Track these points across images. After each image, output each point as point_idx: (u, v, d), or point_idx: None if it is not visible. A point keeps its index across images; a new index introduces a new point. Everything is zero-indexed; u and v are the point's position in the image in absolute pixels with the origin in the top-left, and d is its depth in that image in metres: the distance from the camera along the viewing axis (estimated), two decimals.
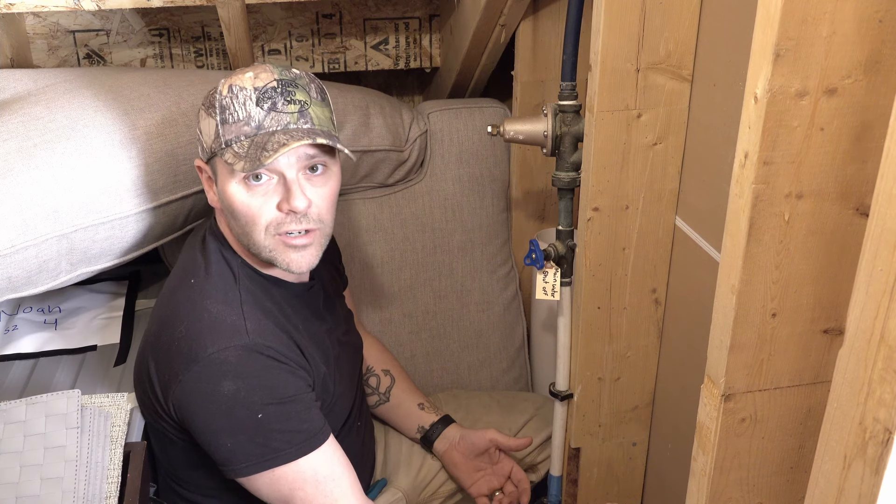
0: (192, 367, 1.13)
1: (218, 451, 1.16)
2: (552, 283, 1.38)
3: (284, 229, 1.16)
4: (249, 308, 1.19)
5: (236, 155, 1.13)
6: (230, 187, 1.16)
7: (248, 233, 1.17)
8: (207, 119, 1.17)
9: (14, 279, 1.25)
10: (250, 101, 1.13)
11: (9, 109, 1.37)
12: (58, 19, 1.82)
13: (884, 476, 0.66)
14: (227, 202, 1.18)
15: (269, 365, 1.15)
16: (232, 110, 1.14)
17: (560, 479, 1.54)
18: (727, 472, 0.96)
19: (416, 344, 1.83)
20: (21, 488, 1.13)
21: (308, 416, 1.17)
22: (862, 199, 0.82)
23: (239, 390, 1.13)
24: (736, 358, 0.89)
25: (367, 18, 1.93)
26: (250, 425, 1.13)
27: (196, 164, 1.24)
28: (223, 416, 1.13)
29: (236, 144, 1.13)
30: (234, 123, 1.14)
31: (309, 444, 1.16)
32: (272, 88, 1.14)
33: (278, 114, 1.13)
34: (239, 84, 1.15)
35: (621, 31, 1.15)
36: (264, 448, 1.14)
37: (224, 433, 1.14)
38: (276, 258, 1.18)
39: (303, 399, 1.17)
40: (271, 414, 1.14)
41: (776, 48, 0.74)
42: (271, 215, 1.16)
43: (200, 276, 1.21)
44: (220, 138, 1.14)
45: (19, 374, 1.46)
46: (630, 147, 1.23)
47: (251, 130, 1.13)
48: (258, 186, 1.15)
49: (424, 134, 1.78)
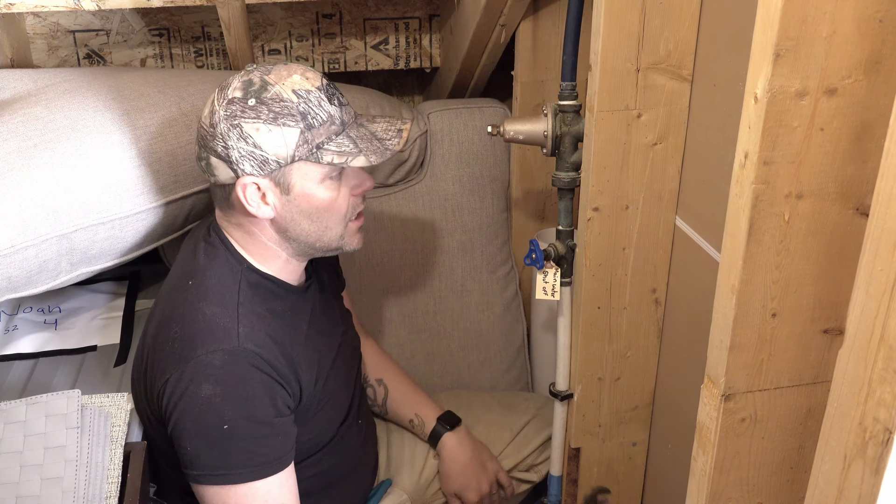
0: (181, 366, 1.14)
1: (180, 452, 1.17)
2: (552, 283, 1.38)
3: (359, 210, 1.25)
4: (245, 312, 1.19)
5: (347, 153, 1.16)
6: (317, 189, 1.18)
7: (330, 227, 1.22)
8: (277, 130, 1.13)
9: (14, 279, 1.25)
10: (325, 101, 1.16)
11: (9, 109, 1.37)
12: (58, 19, 1.82)
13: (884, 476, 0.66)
14: (312, 204, 1.18)
15: (251, 377, 1.15)
16: (313, 114, 1.15)
17: (560, 479, 1.54)
18: (727, 472, 0.96)
19: (416, 344, 1.83)
20: (21, 488, 1.13)
21: (273, 442, 1.17)
22: (862, 199, 0.82)
23: (215, 396, 1.13)
24: (736, 358, 0.89)
25: (367, 18, 1.93)
26: (214, 434, 1.14)
27: (246, 182, 1.15)
28: (193, 418, 1.14)
29: (332, 144, 1.16)
30: (321, 126, 1.15)
31: (264, 469, 1.16)
32: (328, 85, 1.18)
33: (345, 107, 1.20)
34: (301, 87, 1.15)
35: (621, 31, 1.15)
36: (219, 462, 1.15)
37: (188, 435, 1.15)
38: (348, 243, 1.26)
39: (274, 424, 1.17)
40: (238, 428, 1.14)
41: (776, 48, 0.74)
42: (350, 203, 1.22)
43: (198, 278, 1.21)
44: (309, 143, 1.14)
45: (19, 374, 1.46)
46: (630, 147, 1.23)
47: (338, 128, 1.17)
48: (335, 181, 1.19)
49: (424, 134, 1.78)
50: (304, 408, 1.25)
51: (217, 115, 1.15)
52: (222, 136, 1.14)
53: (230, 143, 1.14)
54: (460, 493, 1.53)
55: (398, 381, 1.61)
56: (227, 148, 1.14)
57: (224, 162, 1.16)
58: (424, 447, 1.57)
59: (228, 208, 1.22)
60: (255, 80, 1.15)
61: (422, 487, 1.55)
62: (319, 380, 1.28)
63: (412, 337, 1.82)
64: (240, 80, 1.16)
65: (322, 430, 1.32)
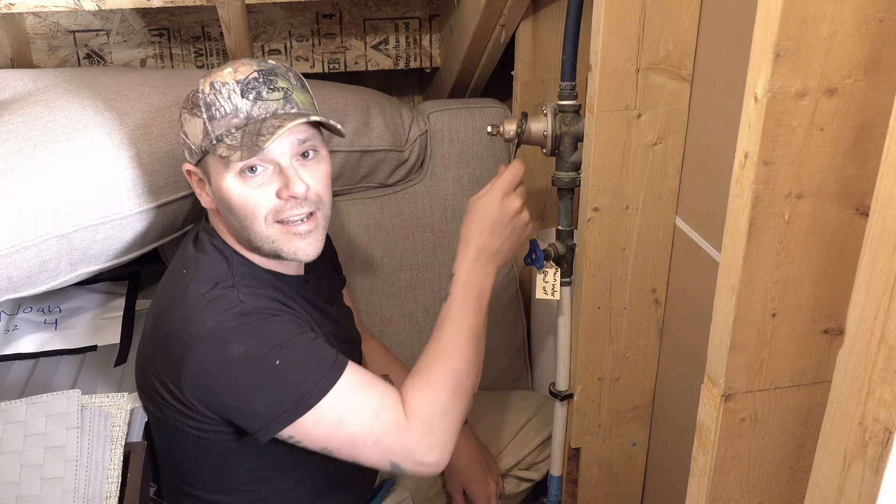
0: (196, 345, 1.13)
1: (253, 416, 1.14)
2: (552, 283, 1.38)
3: (285, 216, 1.17)
4: (243, 289, 1.18)
5: (230, 147, 1.13)
6: (226, 182, 1.16)
7: (249, 226, 1.18)
8: (193, 120, 1.17)
9: (14, 279, 1.25)
10: (235, 94, 1.14)
11: (9, 109, 1.37)
12: (58, 19, 1.82)
13: (884, 476, 0.66)
14: (223, 199, 1.18)
15: (269, 321, 1.15)
16: (218, 105, 1.14)
17: (560, 479, 1.54)
18: (727, 472, 0.96)
19: (416, 344, 1.83)
20: (21, 488, 1.13)
21: (320, 347, 1.17)
22: (862, 199, 0.82)
23: (248, 350, 1.12)
24: (736, 358, 0.89)
25: (367, 18, 1.93)
26: (272, 377, 1.12)
27: (185, 168, 1.23)
28: (244, 378, 1.13)
29: (228, 138, 1.14)
30: (222, 118, 1.14)
31: (336, 369, 1.15)
32: (254, 79, 1.15)
33: (264, 102, 1.15)
34: (220, 80, 1.15)
35: (621, 31, 1.15)
36: (297, 391, 1.13)
37: (251, 394, 1.13)
38: (282, 248, 1.19)
39: (307, 336, 1.17)
40: (287, 357, 1.13)
41: (776, 48, 0.74)
42: (270, 203, 1.17)
43: (191, 267, 1.22)
44: (210, 135, 1.15)
45: (19, 374, 1.47)
46: (630, 147, 1.23)
47: (240, 122, 1.14)
48: (254, 178, 1.16)
49: (424, 134, 1.78)
50: None
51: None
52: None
53: (180, 131, 1.21)
54: (467, 485, 1.52)
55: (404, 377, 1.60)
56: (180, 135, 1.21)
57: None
58: None
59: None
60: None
61: (424, 487, 1.55)
62: None
63: (412, 337, 1.82)
64: None
65: None
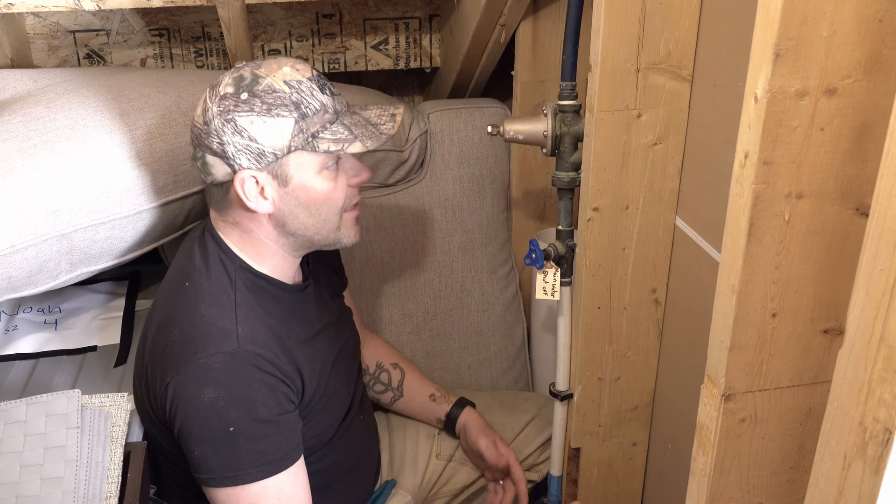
0: (182, 370, 1.14)
1: (188, 456, 1.17)
2: (552, 283, 1.38)
3: (354, 201, 1.24)
4: (243, 312, 1.18)
5: (342, 140, 1.16)
6: (314, 180, 1.17)
7: (327, 219, 1.21)
8: (273, 121, 1.12)
9: (14, 279, 1.25)
10: (317, 91, 1.16)
11: (9, 109, 1.37)
12: (58, 19, 1.82)
13: (884, 476, 0.66)
14: (308, 197, 1.18)
15: (253, 378, 1.15)
16: (306, 103, 1.14)
17: (560, 479, 1.54)
18: (727, 472, 0.96)
19: (416, 344, 1.83)
20: (21, 488, 1.13)
21: (280, 439, 1.17)
22: (862, 199, 0.82)
23: (218, 399, 1.13)
24: (736, 358, 0.89)
25: (367, 18, 1.93)
26: (220, 437, 1.13)
27: (244, 176, 1.14)
28: (198, 422, 1.14)
29: (327, 132, 1.16)
30: (314, 115, 1.15)
31: (274, 466, 1.16)
32: (318, 76, 1.18)
33: (337, 96, 1.19)
34: (293, 78, 1.15)
35: (621, 31, 1.15)
36: (228, 464, 1.14)
37: (194, 439, 1.15)
38: (346, 235, 1.24)
39: (279, 422, 1.17)
40: (243, 430, 1.14)
41: (776, 48, 0.74)
42: (346, 193, 1.21)
43: (195, 280, 1.21)
44: (304, 133, 1.14)
45: (19, 374, 1.46)
46: (630, 147, 1.23)
47: (331, 117, 1.17)
48: (332, 171, 1.19)
49: (424, 134, 1.78)
50: (305, 407, 1.25)
51: (210, 112, 1.14)
52: (217, 132, 1.14)
53: (225, 139, 1.14)
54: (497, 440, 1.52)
55: (412, 365, 1.64)
56: (223, 144, 1.14)
57: (220, 158, 1.15)
58: (427, 447, 1.58)
59: (225, 207, 1.21)
60: (246, 74, 1.15)
61: (425, 487, 1.55)
62: (321, 380, 1.28)
63: (412, 337, 1.82)
64: (230, 77, 1.16)
65: (323, 429, 1.32)
